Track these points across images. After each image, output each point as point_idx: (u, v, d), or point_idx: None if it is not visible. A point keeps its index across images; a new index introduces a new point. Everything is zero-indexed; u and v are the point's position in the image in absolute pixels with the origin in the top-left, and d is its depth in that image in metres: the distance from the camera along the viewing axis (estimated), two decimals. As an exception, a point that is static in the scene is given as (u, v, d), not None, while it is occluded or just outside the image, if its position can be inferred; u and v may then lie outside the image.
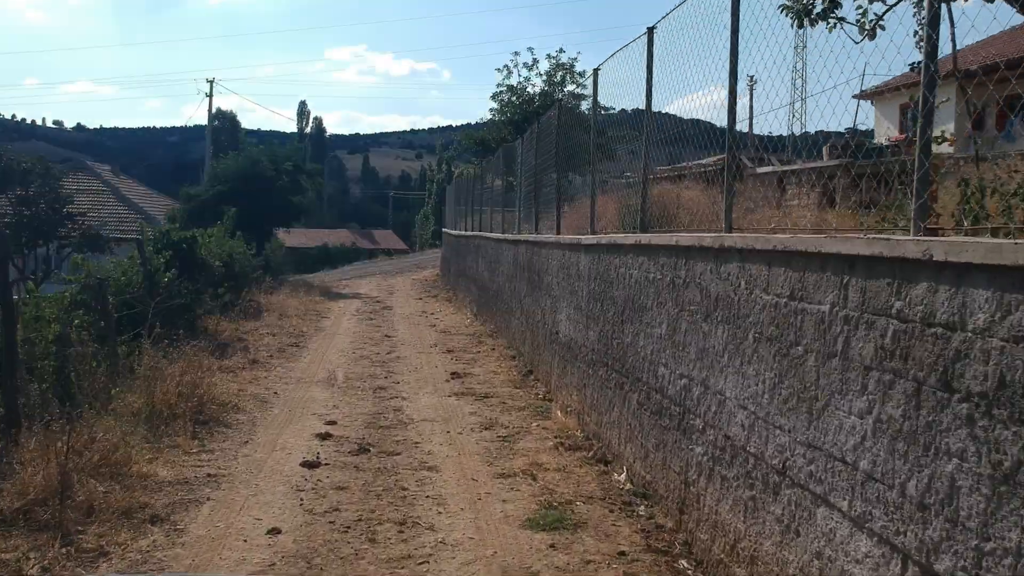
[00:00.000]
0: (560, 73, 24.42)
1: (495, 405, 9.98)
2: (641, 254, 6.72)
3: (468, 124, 27.68)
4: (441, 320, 19.28)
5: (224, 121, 51.28)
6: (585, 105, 22.30)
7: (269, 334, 15.68)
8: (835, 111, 4.35)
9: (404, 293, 27.39)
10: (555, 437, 8.30)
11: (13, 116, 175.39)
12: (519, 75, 25.57)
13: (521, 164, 15.27)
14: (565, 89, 23.59)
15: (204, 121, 51.50)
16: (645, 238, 6.58)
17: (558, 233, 11.02)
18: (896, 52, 4.14)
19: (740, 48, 5.22)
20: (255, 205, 27.08)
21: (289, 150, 30.41)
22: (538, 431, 8.59)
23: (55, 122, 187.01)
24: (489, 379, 11.69)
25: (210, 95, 39.36)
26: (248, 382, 11.02)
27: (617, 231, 8.91)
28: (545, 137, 13.05)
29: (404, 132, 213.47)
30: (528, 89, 25.13)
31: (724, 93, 5.32)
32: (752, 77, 6.97)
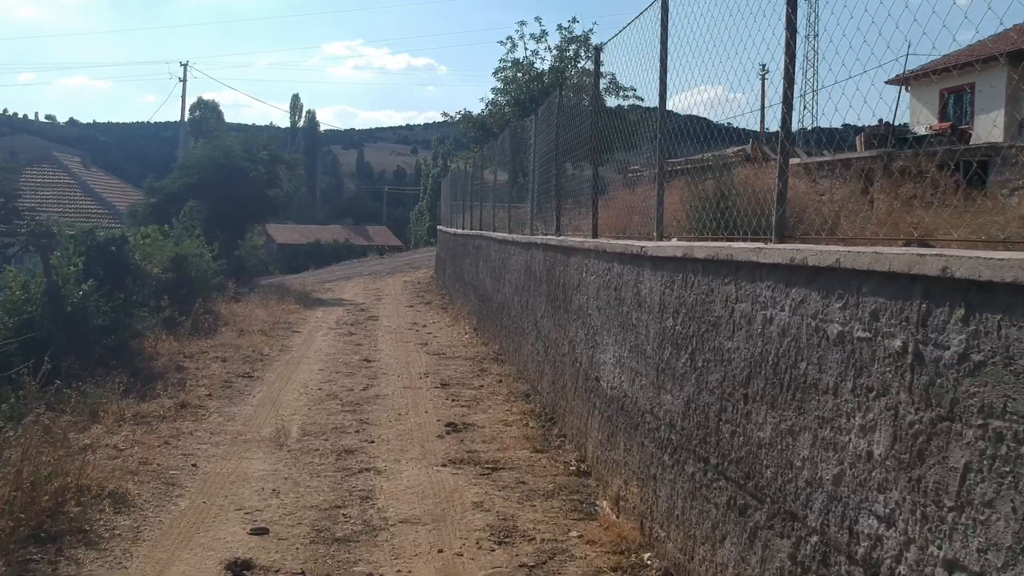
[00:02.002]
0: (573, 47, 21.09)
1: (510, 485, 6.87)
2: (799, 283, 3.61)
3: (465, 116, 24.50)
4: (435, 336, 16.16)
5: (207, 112, 47.97)
6: (601, 85, 19.23)
7: (219, 359, 12.55)
8: (852, 101, 3.62)
9: (394, 299, 24.26)
10: (612, 567, 5.18)
11: (4, 111, 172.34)
12: (525, 48, 22.27)
13: (534, 147, 12.16)
14: (578, 66, 20.41)
15: (190, 113, 48.43)
16: (813, 254, 3.46)
17: (595, 236, 7.91)
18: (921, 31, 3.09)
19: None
20: (227, 199, 23.97)
21: (266, 139, 27.18)
22: (583, 551, 5.47)
23: (47, 116, 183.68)
24: (498, 434, 8.57)
25: (184, 79, 36.16)
26: (162, 443, 7.88)
27: (690, 236, 5.85)
28: (568, 111, 9.97)
29: (399, 127, 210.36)
30: (536, 64, 21.77)
31: None
32: (764, 66, 5.71)
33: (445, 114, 23.13)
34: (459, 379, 11.53)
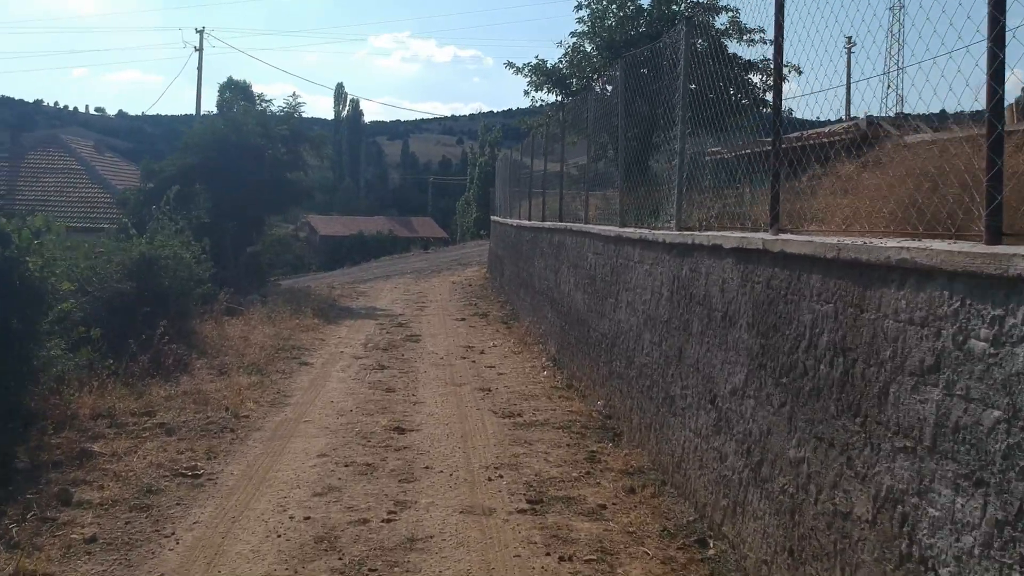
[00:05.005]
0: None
1: None
2: None
3: (510, 110, 19.24)
4: (499, 372, 11.23)
5: (236, 93, 43.44)
6: (720, 21, 13.96)
7: (162, 428, 7.78)
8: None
9: (440, 307, 19.42)
10: None
11: (56, 103, 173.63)
12: None
13: (682, 87, 7.09)
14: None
15: (219, 95, 44.12)
16: None
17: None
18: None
19: None
20: (239, 183, 19.36)
21: (284, 114, 22.45)
22: None
23: (97, 109, 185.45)
24: None
25: (200, 48, 31.74)
26: None
27: None
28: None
29: (445, 118, 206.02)
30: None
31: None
32: (850, 38, 4.79)
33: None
34: (557, 484, 6.54)
